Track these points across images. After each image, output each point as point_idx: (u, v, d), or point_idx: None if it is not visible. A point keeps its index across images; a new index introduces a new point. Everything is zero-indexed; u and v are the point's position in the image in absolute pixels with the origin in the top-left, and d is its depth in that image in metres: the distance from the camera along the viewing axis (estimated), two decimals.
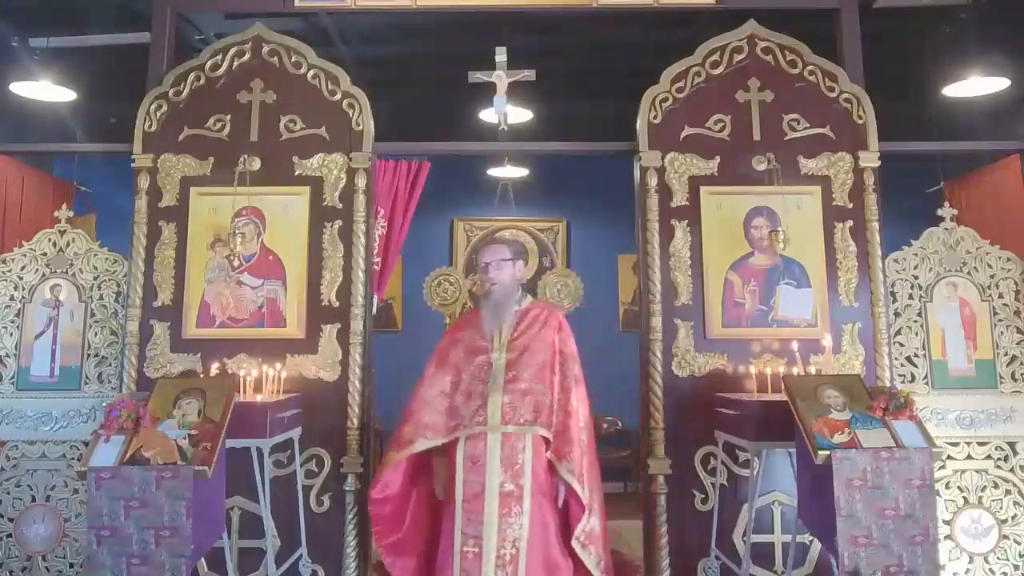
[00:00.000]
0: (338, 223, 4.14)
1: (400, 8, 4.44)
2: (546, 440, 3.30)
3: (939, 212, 4.25)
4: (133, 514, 3.02)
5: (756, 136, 4.21)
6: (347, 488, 3.93)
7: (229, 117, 4.23)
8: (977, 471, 4.01)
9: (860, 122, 4.20)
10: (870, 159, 4.16)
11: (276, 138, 4.22)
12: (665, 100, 4.23)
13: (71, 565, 3.96)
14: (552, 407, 3.33)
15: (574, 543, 3.24)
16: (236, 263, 4.11)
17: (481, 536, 3.19)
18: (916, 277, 4.15)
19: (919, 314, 4.12)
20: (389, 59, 6.08)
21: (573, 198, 7.63)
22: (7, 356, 4.10)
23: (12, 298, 4.14)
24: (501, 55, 4.17)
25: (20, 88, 5.17)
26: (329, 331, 4.06)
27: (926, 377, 4.07)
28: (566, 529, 3.30)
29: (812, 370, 3.92)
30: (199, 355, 4.02)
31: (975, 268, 4.16)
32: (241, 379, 3.74)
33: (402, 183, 4.74)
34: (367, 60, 5.88)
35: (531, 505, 3.23)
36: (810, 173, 4.18)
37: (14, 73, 5.14)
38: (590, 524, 3.25)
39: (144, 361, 4.02)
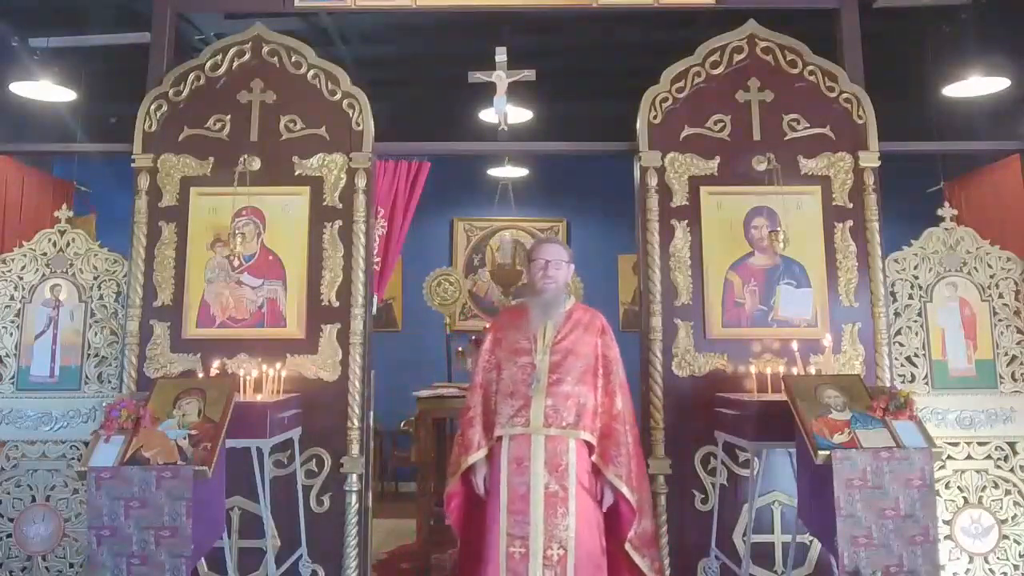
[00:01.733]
0: (338, 223, 4.14)
1: (400, 8, 4.43)
2: (587, 443, 3.32)
3: (939, 212, 4.25)
4: (133, 514, 3.01)
5: (756, 136, 4.21)
6: (347, 488, 3.93)
7: (229, 117, 4.23)
8: (977, 471, 4.01)
9: (860, 122, 4.20)
10: (870, 159, 4.16)
11: (276, 138, 4.22)
12: (665, 100, 4.22)
13: (71, 565, 3.95)
14: (594, 411, 3.35)
15: (627, 546, 3.28)
16: (236, 263, 4.11)
17: (528, 537, 3.20)
18: (916, 277, 4.15)
19: (919, 314, 4.12)
20: (389, 59, 6.09)
21: (573, 198, 7.64)
22: (7, 356, 4.10)
23: (12, 298, 4.14)
24: (501, 55, 4.17)
25: (20, 88, 5.17)
26: (329, 331, 4.05)
27: (926, 377, 4.07)
28: (608, 529, 3.33)
29: (812, 370, 3.92)
30: (199, 355, 4.02)
31: (975, 268, 4.16)
32: (241, 379, 3.74)
33: (402, 183, 4.73)
34: (367, 60, 5.89)
35: (576, 505, 3.24)
36: (810, 173, 4.17)
37: (14, 73, 5.15)
38: (642, 526, 3.31)
39: (144, 361, 4.02)
